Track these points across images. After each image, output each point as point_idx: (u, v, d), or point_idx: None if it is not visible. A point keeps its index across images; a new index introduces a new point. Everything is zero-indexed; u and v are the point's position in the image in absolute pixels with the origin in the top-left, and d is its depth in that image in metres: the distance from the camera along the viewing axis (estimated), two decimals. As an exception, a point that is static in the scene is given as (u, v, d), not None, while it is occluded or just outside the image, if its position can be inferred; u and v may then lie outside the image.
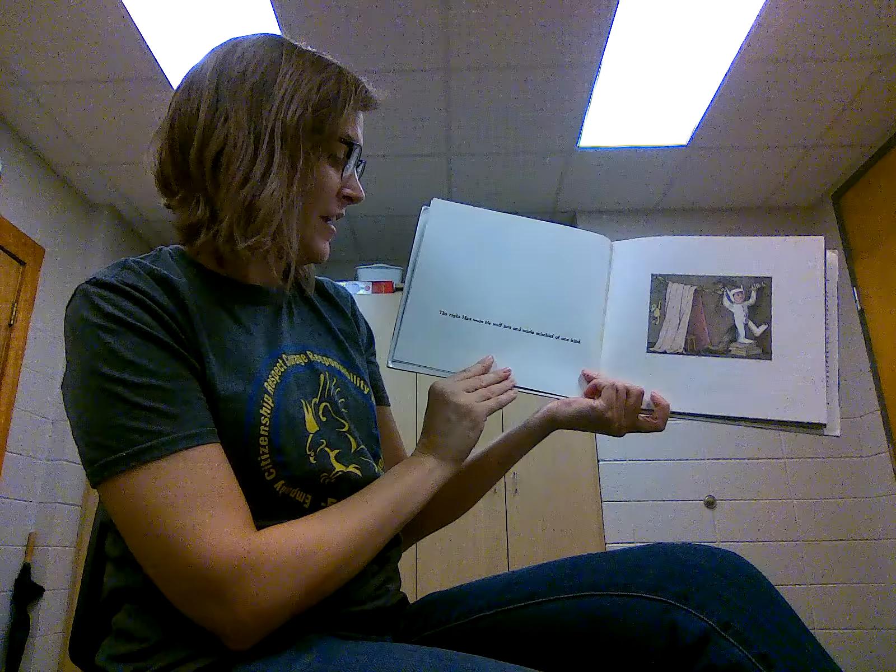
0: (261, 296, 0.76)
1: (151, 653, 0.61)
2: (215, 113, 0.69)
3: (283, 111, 0.69)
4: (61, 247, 2.87)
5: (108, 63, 2.24)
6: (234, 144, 0.67)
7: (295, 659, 0.57)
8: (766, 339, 0.80)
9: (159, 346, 0.61)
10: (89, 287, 0.63)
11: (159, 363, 0.60)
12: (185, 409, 0.60)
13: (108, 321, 0.60)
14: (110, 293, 0.62)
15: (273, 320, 0.76)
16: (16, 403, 2.53)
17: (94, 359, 0.59)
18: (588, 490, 2.77)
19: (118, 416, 0.58)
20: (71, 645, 0.79)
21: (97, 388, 0.59)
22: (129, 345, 0.60)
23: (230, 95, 0.69)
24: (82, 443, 0.60)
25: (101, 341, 0.59)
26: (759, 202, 3.18)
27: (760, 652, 0.56)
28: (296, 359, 0.73)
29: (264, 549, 0.58)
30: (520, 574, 0.75)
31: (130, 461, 0.57)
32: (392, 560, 0.78)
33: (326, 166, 0.73)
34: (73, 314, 0.63)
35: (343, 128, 0.73)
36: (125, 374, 0.59)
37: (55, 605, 2.63)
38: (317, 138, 0.70)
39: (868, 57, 2.24)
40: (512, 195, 3.14)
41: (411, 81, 2.36)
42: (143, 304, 0.62)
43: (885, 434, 2.67)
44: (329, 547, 0.61)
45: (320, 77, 0.72)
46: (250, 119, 0.68)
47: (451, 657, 0.55)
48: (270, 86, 0.69)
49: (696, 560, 0.64)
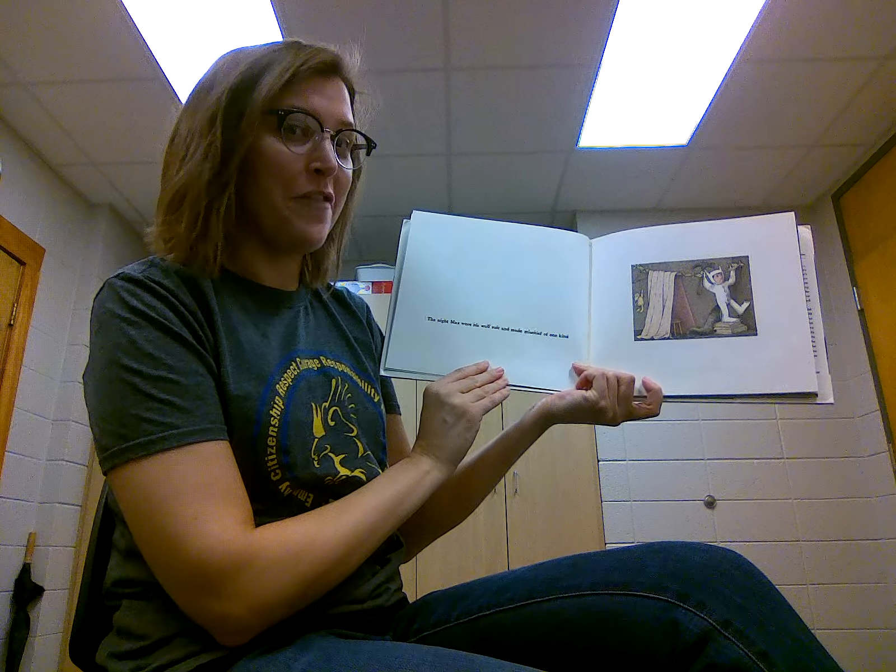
0: (279, 299, 0.78)
1: (152, 650, 0.61)
2: (178, 125, 0.74)
3: (207, 102, 0.70)
4: (61, 247, 2.88)
5: (108, 63, 2.24)
6: (174, 153, 0.72)
7: (295, 658, 0.57)
8: (749, 315, 0.81)
9: (179, 342, 0.63)
10: (117, 281, 0.65)
11: (177, 358, 0.62)
12: (199, 404, 0.61)
13: (132, 314, 0.62)
14: (136, 288, 0.64)
15: (289, 324, 0.77)
16: (16, 403, 2.53)
17: (116, 350, 0.61)
18: (588, 490, 2.76)
19: (133, 405, 0.59)
20: (71, 645, 0.79)
21: (116, 378, 0.60)
22: (150, 338, 0.62)
23: (188, 108, 0.74)
24: (98, 430, 0.62)
25: (124, 333, 0.61)
26: (759, 202, 3.18)
27: (761, 650, 0.56)
28: (309, 363, 0.74)
29: (259, 545, 0.58)
30: (519, 573, 0.75)
31: (141, 450, 0.58)
32: (393, 562, 0.78)
33: (272, 143, 0.70)
34: (99, 306, 0.65)
35: (276, 100, 0.69)
36: (143, 365, 0.60)
37: (55, 605, 2.63)
38: (241, 119, 0.68)
39: (868, 57, 2.24)
40: (512, 195, 3.14)
41: (411, 81, 2.36)
42: (166, 301, 0.64)
43: (885, 434, 2.67)
44: (323, 546, 0.61)
45: (255, 56, 0.71)
46: (190, 125, 0.71)
47: (451, 656, 0.55)
48: (211, 86, 0.72)
49: (696, 558, 0.64)
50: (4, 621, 2.45)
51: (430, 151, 2.79)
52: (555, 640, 0.67)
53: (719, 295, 0.83)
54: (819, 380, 0.76)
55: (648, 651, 0.61)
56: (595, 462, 2.81)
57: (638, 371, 0.82)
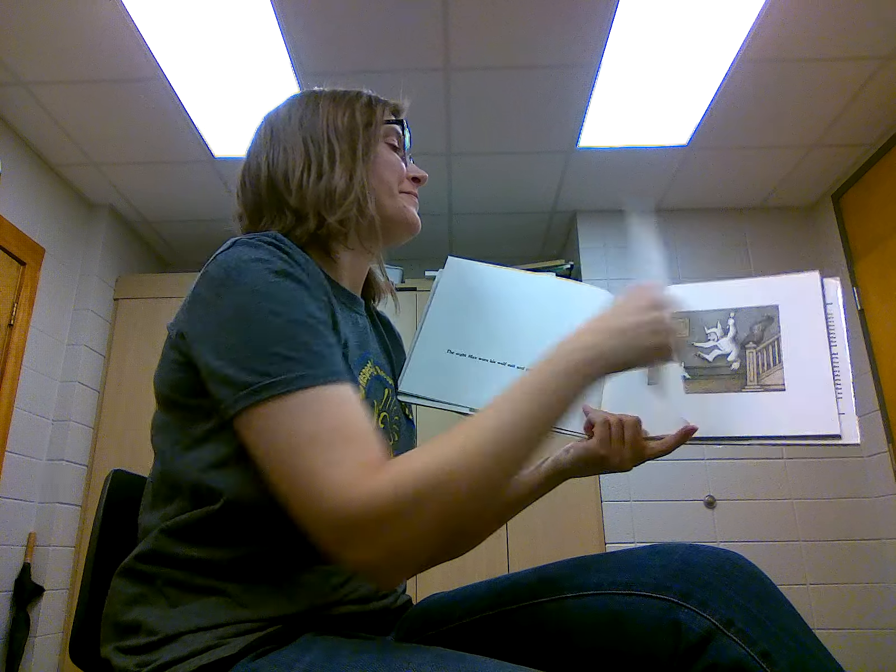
0: (353, 301, 0.83)
1: (158, 646, 0.61)
2: (273, 152, 0.81)
3: (333, 119, 0.82)
4: (61, 247, 2.87)
5: (108, 63, 2.24)
6: (294, 162, 0.79)
7: (297, 658, 0.57)
8: (778, 374, 0.82)
9: (313, 297, 0.66)
10: (254, 240, 0.67)
11: (314, 309, 0.65)
12: (332, 351, 0.63)
13: (273, 265, 0.65)
14: (275, 248, 0.67)
15: (361, 327, 0.82)
16: (16, 403, 2.53)
17: (255, 293, 0.62)
18: (588, 490, 2.76)
19: (275, 343, 0.60)
20: (71, 645, 0.79)
21: (258, 319, 0.61)
22: (290, 288, 0.64)
23: (283, 134, 0.82)
24: (232, 369, 0.60)
25: (265, 280, 0.63)
26: (759, 202, 3.18)
27: (763, 650, 0.56)
28: (375, 367, 0.79)
29: (397, 486, 0.55)
30: (522, 575, 0.75)
31: (283, 386, 0.58)
32: None
33: (387, 152, 0.85)
34: (231, 258, 0.66)
35: (387, 118, 0.85)
36: (285, 308, 0.62)
37: (55, 605, 2.63)
38: (371, 129, 0.83)
39: (868, 57, 2.24)
40: (512, 195, 3.14)
41: (411, 81, 2.36)
42: (302, 266, 0.68)
43: (885, 434, 2.67)
44: (468, 458, 0.57)
45: (351, 94, 0.86)
46: (304, 139, 0.80)
47: (454, 657, 0.55)
48: (314, 111, 0.83)
49: (698, 559, 0.64)
50: (4, 621, 2.44)
51: (430, 151, 2.79)
52: (558, 641, 0.67)
53: (750, 363, 0.84)
54: (843, 421, 0.78)
55: (651, 651, 0.61)
56: (595, 462, 2.81)
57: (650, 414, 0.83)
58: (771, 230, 3.18)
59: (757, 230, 3.18)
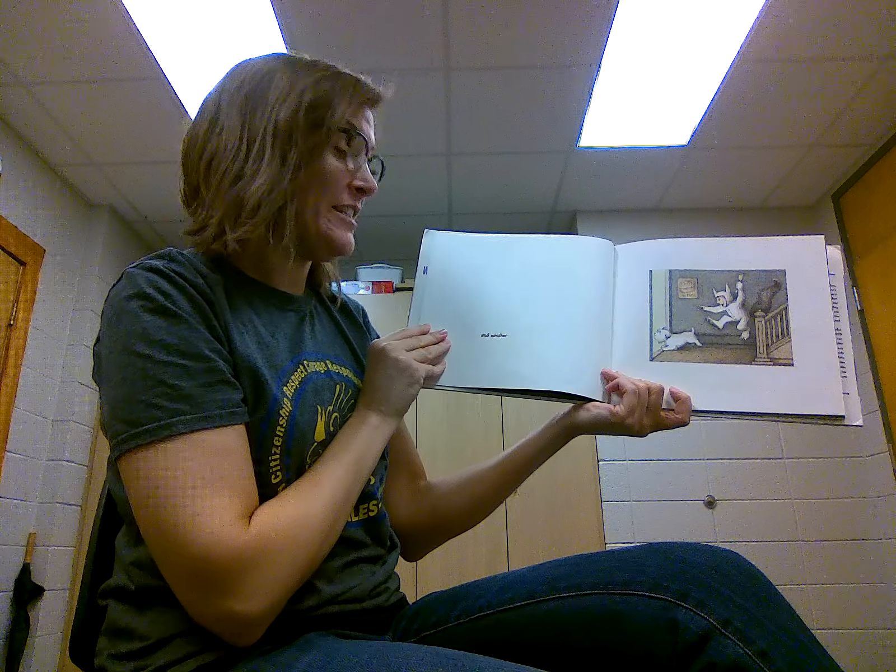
0: (286, 302, 0.79)
1: (152, 650, 0.61)
2: (213, 126, 0.75)
3: (276, 112, 0.73)
4: (61, 247, 2.88)
5: (108, 63, 2.24)
6: (224, 149, 0.73)
7: (295, 658, 0.57)
8: (787, 348, 0.80)
9: (192, 329, 0.63)
10: (136, 270, 0.66)
11: (189, 345, 0.62)
12: (208, 390, 0.61)
13: (147, 301, 0.63)
14: (155, 276, 0.65)
15: (296, 327, 0.78)
16: (16, 403, 2.53)
17: (129, 337, 0.62)
18: (588, 490, 2.76)
19: (143, 391, 0.60)
20: (71, 645, 0.79)
21: (127, 365, 0.61)
22: (163, 325, 0.62)
23: (227, 108, 0.75)
24: (109, 417, 0.61)
25: (138, 320, 0.62)
26: (759, 202, 3.18)
27: (760, 649, 0.56)
28: (316, 366, 0.76)
29: (260, 538, 0.58)
30: (520, 573, 0.75)
31: (149, 436, 0.58)
32: (390, 562, 0.79)
33: (331, 158, 0.76)
34: (115, 296, 0.65)
35: (342, 120, 0.75)
36: (154, 351, 0.61)
37: (55, 605, 2.63)
38: (316, 133, 0.74)
39: (868, 57, 2.24)
40: (512, 195, 3.14)
41: (411, 81, 2.36)
42: (184, 291, 0.65)
43: (885, 434, 2.67)
44: (312, 522, 0.62)
45: (314, 77, 0.75)
46: (243, 125, 0.73)
47: (451, 656, 0.55)
48: (265, 91, 0.74)
49: (696, 558, 0.64)
50: (4, 621, 2.44)
51: (430, 151, 2.79)
52: (555, 640, 0.67)
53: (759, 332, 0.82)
54: (847, 401, 0.76)
55: (649, 650, 0.61)
56: (595, 462, 2.81)
57: (665, 382, 0.81)
58: (771, 230, 3.18)
59: (757, 230, 3.18)
